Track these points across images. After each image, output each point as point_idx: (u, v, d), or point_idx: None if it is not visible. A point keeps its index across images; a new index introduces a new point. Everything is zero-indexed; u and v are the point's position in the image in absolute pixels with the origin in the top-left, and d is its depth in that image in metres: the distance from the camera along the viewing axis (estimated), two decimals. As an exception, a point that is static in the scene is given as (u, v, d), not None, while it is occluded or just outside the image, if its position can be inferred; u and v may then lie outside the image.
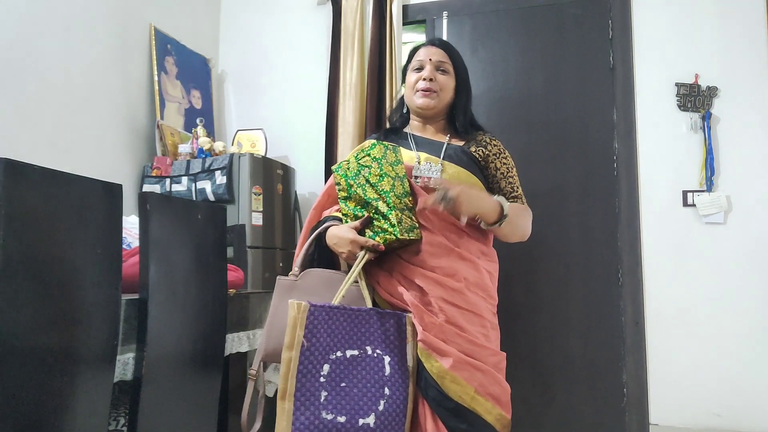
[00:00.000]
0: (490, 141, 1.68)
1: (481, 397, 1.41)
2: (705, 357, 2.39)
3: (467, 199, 1.42)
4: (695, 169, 2.48)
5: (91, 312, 1.24)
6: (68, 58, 2.28)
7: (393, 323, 1.45)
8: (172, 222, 1.53)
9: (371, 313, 1.44)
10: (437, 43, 1.72)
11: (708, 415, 2.36)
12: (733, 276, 2.39)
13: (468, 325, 1.46)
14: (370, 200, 1.48)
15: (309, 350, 1.33)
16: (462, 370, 1.41)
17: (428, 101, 1.65)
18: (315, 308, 1.37)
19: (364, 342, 1.40)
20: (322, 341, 1.36)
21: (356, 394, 1.35)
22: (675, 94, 2.53)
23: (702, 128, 2.47)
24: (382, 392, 1.37)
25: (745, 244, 2.39)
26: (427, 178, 1.57)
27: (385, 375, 1.39)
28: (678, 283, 2.45)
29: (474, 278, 1.51)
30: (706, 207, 2.43)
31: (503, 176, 1.66)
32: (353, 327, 1.41)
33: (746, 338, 2.35)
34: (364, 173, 1.50)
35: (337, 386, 1.34)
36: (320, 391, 1.33)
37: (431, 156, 1.61)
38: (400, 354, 1.43)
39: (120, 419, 1.51)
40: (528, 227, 1.66)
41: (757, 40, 2.45)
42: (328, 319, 1.38)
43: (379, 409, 1.35)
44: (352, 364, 1.37)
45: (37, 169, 1.12)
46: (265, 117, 3.10)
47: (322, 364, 1.34)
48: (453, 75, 1.69)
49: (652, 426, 2.42)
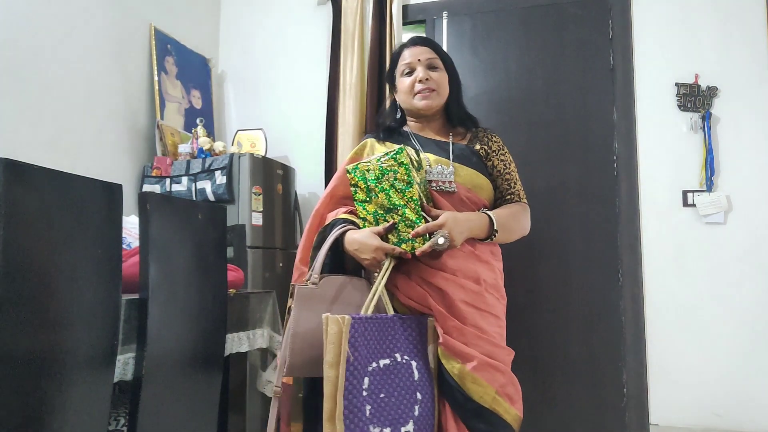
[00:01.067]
0: (491, 137, 1.68)
1: (500, 397, 1.42)
2: (705, 357, 2.39)
3: (457, 233, 1.43)
4: (695, 169, 2.48)
5: (91, 312, 1.24)
6: (68, 58, 2.28)
7: (415, 327, 1.45)
8: (172, 222, 1.53)
9: (395, 320, 1.43)
10: (419, 41, 1.69)
11: (708, 415, 2.36)
12: (733, 276, 2.39)
13: (487, 327, 1.47)
14: (396, 206, 1.44)
15: (353, 365, 1.30)
16: (483, 371, 1.42)
17: (430, 102, 1.63)
18: (356, 321, 1.33)
19: (393, 350, 1.40)
20: (363, 354, 1.33)
21: (394, 403, 1.35)
22: (675, 94, 2.53)
23: (702, 128, 2.47)
24: (415, 397, 1.38)
25: (745, 244, 2.39)
26: (440, 182, 1.55)
27: (414, 380, 1.39)
28: (678, 283, 2.45)
29: (491, 280, 1.53)
30: (706, 207, 2.43)
31: (500, 174, 1.65)
32: (383, 336, 1.39)
33: (746, 338, 2.35)
34: (388, 177, 1.44)
35: (378, 398, 1.33)
36: (365, 406, 1.30)
37: (440, 158, 1.60)
38: (424, 357, 1.44)
39: (120, 419, 1.51)
40: (525, 226, 1.66)
41: (757, 40, 2.45)
42: (365, 331, 1.35)
43: (415, 414, 1.36)
44: (386, 374, 1.36)
45: (37, 169, 1.12)
46: (265, 117, 3.10)
47: (362, 377, 1.32)
48: (444, 70, 1.67)
49: (652, 426, 2.42)
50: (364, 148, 1.71)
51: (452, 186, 1.55)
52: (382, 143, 1.68)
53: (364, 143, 1.72)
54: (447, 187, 1.55)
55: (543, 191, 2.58)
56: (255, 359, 2.25)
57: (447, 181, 1.55)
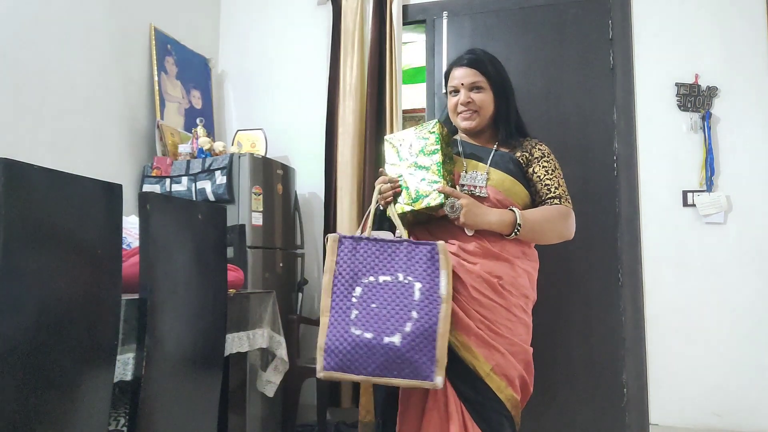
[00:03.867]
0: (535, 145, 1.74)
1: (496, 375, 1.51)
2: (705, 357, 2.39)
3: (471, 213, 1.54)
4: (695, 169, 2.48)
5: (91, 312, 1.24)
6: (68, 58, 2.28)
7: (426, 252, 1.52)
8: (172, 222, 1.53)
9: (404, 244, 1.54)
10: (466, 62, 1.75)
11: (708, 415, 2.36)
12: (733, 276, 2.39)
13: (494, 317, 1.54)
14: (420, 167, 1.61)
15: (341, 273, 1.52)
16: (482, 348, 1.51)
17: (470, 123, 1.72)
18: (344, 238, 1.56)
19: (397, 269, 1.52)
20: (353, 267, 1.52)
21: (384, 315, 1.46)
22: (675, 94, 2.53)
23: (702, 128, 2.47)
24: (409, 315, 1.45)
25: (745, 244, 2.39)
26: (472, 186, 1.65)
27: (414, 300, 1.47)
28: (678, 283, 2.45)
29: (508, 277, 1.58)
30: (706, 207, 2.43)
31: (539, 179, 1.69)
32: (387, 256, 1.54)
33: (746, 338, 2.35)
34: (420, 143, 1.63)
35: (368, 306, 1.48)
36: (351, 310, 1.48)
37: (479, 164, 1.69)
38: (432, 281, 1.49)
39: (120, 419, 1.51)
40: (562, 227, 1.68)
41: (757, 40, 2.45)
42: (358, 247, 1.54)
43: (406, 330, 1.44)
44: (384, 289, 1.49)
45: (37, 169, 1.12)
46: (265, 117, 3.10)
47: (353, 286, 1.50)
48: (489, 89, 1.72)
49: (652, 426, 2.42)
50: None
51: (483, 191, 1.64)
52: None
53: None
54: (478, 192, 1.64)
55: (543, 191, 2.57)
56: (255, 359, 2.25)
57: (479, 186, 1.65)
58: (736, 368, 2.35)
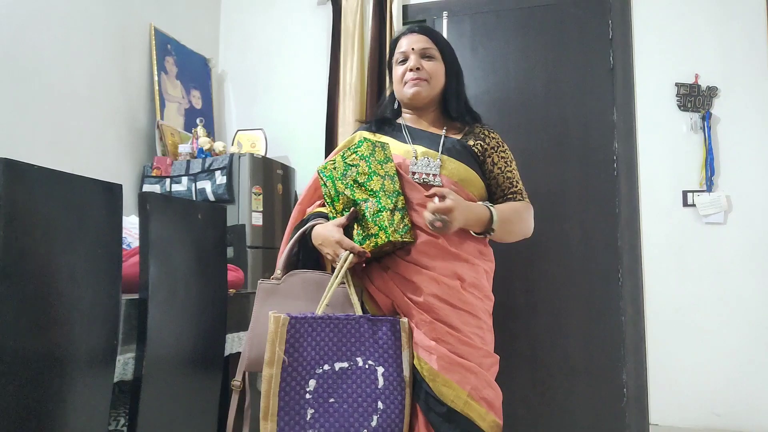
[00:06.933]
0: (488, 134, 1.61)
1: (474, 402, 1.33)
2: (705, 357, 2.39)
3: (460, 215, 1.36)
4: (695, 169, 2.48)
5: (91, 312, 1.24)
6: (68, 58, 2.28)
7: (387, 330, 1.34)
8: (172, 222, 1.53)
9: (361, 321, 1.34)
10: (417, 29, 1.62)
11: (708, 415, 2.36)
12: (733, 276, 2.39)
13: (462, 326, 1.39)
14: (359, 201, 1.40)
15: (291, 366, 1.24)
16: (453, 373, 1.33)
17: (418, 89, 1.56)
18: (296, 320, 1.27)
19: (355, 353, 1.31)
20: (306, 355, 1.27)
21: (346, 410, 1.25)
22: (675, 94, 2.53)
23: (702, 128, 2.47)
24: (375, 407, 1.27)
25: (745, 244, 2.39)
26: (424, 174, 1.49)
27: (378, 388, 1.29)
28: (678, 283, 2.45)
29: (471, 278, 1.45)
30: (706, 207, 2.43)
31: (501, 171, 1.58)
32: (341, 337, 1.31)
33: (746, 338, 2.35)
34: (351, 173, 1.41)
35: (325, 402, 1.25)
36: (306, 409, 1.24)
37: (429, 150, 1.53)
38: (395, 363, 1.33)
39: (120, 419, 1.51)
40: (528, 226, 1.60)
41: (757, 40, 2.45)
42: (312, 331, 1.29)
43: (372, 425, 1.26)
44: (342, 378, 1.28)
45: (37, 169, 1.12)
46: (265, 117, 3.10)
47: (307, 379, 1.26)
48: (440, 59, 1.60)
49: (652, 426, 2.42)
50: (353, 140, 1.63)
51: (437, 179, 1.48)
52: (373, 135, 1.61)
53: (354, 136, 1.66)
54: (431, 180, 1.48)
55: (543, 191, 2.57)
56: (255, 359, 2.24)
57: (432, 174, 1.49)
58: (736, 368, 2.35)
